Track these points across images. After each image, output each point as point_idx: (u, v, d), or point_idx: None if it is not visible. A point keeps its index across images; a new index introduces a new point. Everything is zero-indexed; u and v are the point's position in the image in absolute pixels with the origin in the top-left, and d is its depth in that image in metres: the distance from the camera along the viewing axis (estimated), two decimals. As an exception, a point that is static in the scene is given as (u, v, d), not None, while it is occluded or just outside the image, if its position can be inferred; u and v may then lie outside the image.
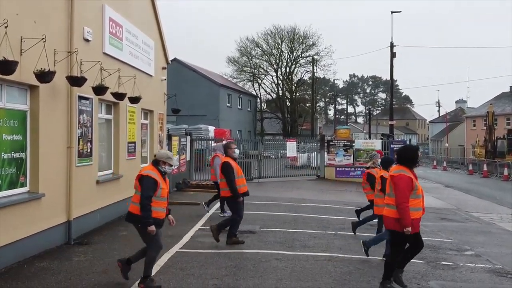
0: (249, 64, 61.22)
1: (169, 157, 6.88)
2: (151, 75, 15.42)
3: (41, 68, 8.07)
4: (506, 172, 34.11)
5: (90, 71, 10.11)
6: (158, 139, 16.55)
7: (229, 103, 48.37)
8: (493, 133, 44.15)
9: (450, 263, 8.98)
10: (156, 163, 6.84)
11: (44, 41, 8.11)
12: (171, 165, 6.91)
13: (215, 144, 19.68)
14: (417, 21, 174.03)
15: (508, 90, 67.79)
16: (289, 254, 9.01)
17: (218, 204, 14.16)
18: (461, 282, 7.78)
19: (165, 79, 17.30)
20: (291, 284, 7.14)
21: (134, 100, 12.43)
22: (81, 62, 9.83)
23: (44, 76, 8.02)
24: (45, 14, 8.80)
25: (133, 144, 13.67)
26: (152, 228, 6.58)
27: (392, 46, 35.99)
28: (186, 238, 10.22)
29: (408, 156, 6.89)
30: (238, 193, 9.69)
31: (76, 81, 9.10)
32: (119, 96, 11.34)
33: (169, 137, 18.31)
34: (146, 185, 6.59)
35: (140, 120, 14.68)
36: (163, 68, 17.22)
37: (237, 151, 10.47)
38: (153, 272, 7.58)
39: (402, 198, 6.55)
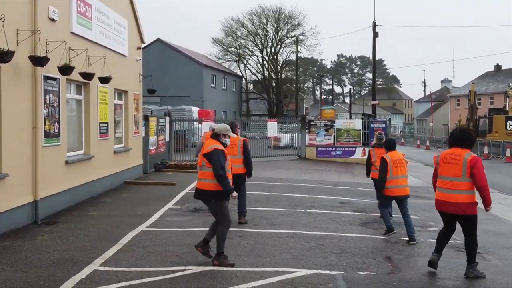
0: (234, 45, 60.94)
1: (228, 129, 7.24)
2: (124, 55, 15.33)
3: (0, 48, 8.00)
4: (486, 150, 34.52)
5: (57, 51, 10.07)
6: (134, 120, 16.53)
7: (213, 84, 48.21)
8: (475, 112, 44.49)
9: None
10: (217, 136, 7.14)
11: (3, 21, 8.04)
12: (229, 137, 7.27)
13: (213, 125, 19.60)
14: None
15: (492, 69, 68.24)
16: (253, 232, 9.15)
17: (194, 183, 14.15)
18: (418, 256, 7.97)
19: (140, 59, 17.19)
20: (248, 261, 7.27)
21: (104, 80, 12.37)
22: (46, 42, 9.79)
23: (3, 56, 7.97)
24: (6, -7, 8.70)
25: (106, 125, 13.64)
26: (235, 194, 7.00)
27: (374, 25, 35.97)
28: (154, 217, 10.31)
29: (469, 137, 6.95)
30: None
31: (38, 61, 9.05)
32: (87, 76, 11.29)
33: (146, 118, 18.28)
34: (217, 157, 6.84)
35: (114, 101, 14.63)
36: (138, 48, 17.09)
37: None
38: (115, 250, 7.73)
39: (485, 180, 6.67)
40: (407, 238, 8.89)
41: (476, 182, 6.67)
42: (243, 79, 62.36)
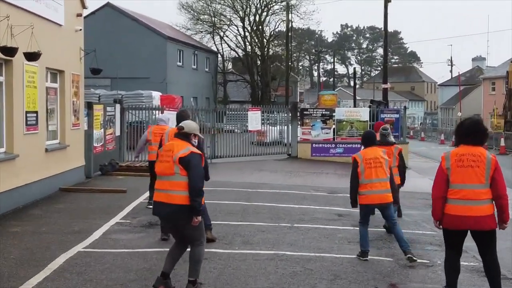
0: (207, 11, 60.73)
1: (198, 128, 7.38)
2: (59, 24, 15.24)
3: None
4: (526, 147, 34.88)
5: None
6: (73, 108, 16.44)
7: (180, 62, 48.18)
8: (515, 99, 44.97)
9: (426, 261, 9.22)
10: (186, 137, 7.11)
11: None
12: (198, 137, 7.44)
13: (160, 114, 19.59)
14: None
15: (537, 44, 69.02)
16: (223, 253, 9.17)
17: (147, 193, 14.12)
18: (431, 284, 8.03)
19: (81, 30, 17.12)
20: (213, 291, 7.28)
21: (32, 56, 12.26)
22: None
23: None
24: None
25: (35, 114, 13.56)
26: (200, 218, 6.88)
27: (386, -13, 36.10)
28: (96, 235, 10.31)
29: (484, 130, 6.89)
30: None
31: None
32: (8, 51, 11.22)
33: (89, 106, 18.19)
34: (197, 164, 6.87)
35: (45, 83, 14.58)
36: (79, 15, 17.02)
37: None
38: (41, 278, 7.69)
39: (505, 188, 6.71)
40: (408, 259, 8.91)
41: (497, 189, 6.64)
42: (219, 55, 62.36)
